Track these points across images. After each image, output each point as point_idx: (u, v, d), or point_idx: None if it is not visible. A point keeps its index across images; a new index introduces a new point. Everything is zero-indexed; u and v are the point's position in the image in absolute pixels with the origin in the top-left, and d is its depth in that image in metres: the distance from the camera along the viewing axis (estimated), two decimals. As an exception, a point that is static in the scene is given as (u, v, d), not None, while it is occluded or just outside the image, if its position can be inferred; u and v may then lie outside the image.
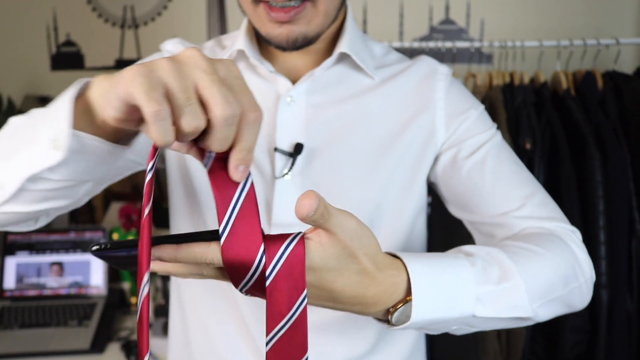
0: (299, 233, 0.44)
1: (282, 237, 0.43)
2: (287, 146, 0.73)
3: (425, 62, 0.79)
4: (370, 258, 0.47)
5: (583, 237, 1.21)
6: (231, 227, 0.41)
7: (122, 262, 0.50)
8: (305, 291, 0.43)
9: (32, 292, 1.70)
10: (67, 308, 1.62)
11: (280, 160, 0.73)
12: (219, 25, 1.90)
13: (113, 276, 1.75)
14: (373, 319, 0.55)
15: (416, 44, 1.54)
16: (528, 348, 1.29)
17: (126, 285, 1.79)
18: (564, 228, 0.69)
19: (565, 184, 1.27)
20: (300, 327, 0.43)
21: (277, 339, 0.43)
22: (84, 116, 0.46)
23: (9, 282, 1.70)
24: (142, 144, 0.62)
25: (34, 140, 0.49)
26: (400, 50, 1.63)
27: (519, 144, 1.32)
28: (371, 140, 0.73)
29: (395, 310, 0.50)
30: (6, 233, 1.74)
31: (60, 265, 1.70)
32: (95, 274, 1.70)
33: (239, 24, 0.83)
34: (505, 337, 1.33)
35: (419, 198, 0.77)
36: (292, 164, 0.71)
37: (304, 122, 0.73)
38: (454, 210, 0.78)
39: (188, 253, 0.43)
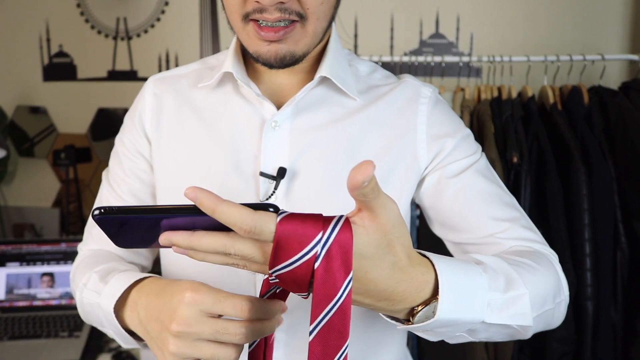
0: (342, 216, 0.43)
1: (327, 219, 0.42)
2: (271, 170, 0.74)
3: (409, 85, 0.80)
4: (405, 251, 0.47)
5: (569, 249, 1.25)
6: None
7: (126, 235, 0.48)
8: (351, 274, 0.42)
9: (22, 303, 1.69)
10: (58, 319, 1.62)
11: (264, 185, 0.74)
12: (212, 36, 1.92)
13: (104, 287, 1.75)
14: (382, 316, 0.55)
15: (406, 58, 1.57)
16: (515, 359, 1.31)
17: (117, 296, 1.79)
18: (546, 250, 0.72)
19: (552, 196, 1.29)
20: (344, 313, 0.42)
21: (321, 327, 0.42)
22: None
23: (-1, 293, 1.69)
24: None
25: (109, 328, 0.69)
26: (390, 64, 1.65)
27: (506, 158, 1.34)
28: (352, 163, 0.74)
29: (421, 309, 0.50)
30: (-3, 243, 1.74)
31: (51, 276, 1.70)
32: (86, 284, 1.70)
33: (231, 35, 0.84)
34: (492, 348, 1.34)
35: (405, 213, 0.79)
36: (275, 188, 0.73)
37: (288, 146, 0.75)
38: (439, 231, 0.80)
39: (209, 243, 0.43)
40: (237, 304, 0.51)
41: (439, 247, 0.95)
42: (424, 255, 0.52)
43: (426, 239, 1.37)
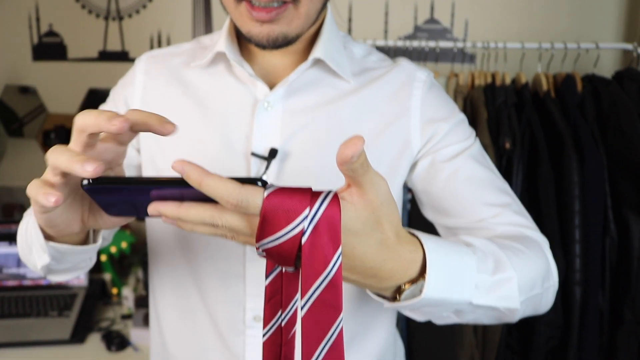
0: (330, 191, 0.43)
1: (315, 194, 0.42)
2: (263, 151, 0.74)
3: (404, 69, 0.79)
4: (393, 229, 0.47)
5: (559, 235, 1.26)
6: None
7: (116, 205, 0.48)
8: (340, 248, 0.41)
9: (12, 283, 1.69)
10: (48, 298, 1.62)
11: (255, 165, 0.74)
12: (204, 17, 1.90)
13: (94, 267, 1.75)
14: (370, 294, 0.55)
15: (400, 43, 1.56)
16: (503, 341, 1.33)
17: (107, 276, 1.79)
18: (537, 235, 0.72)
19: (543, 183, 1.30)
20: (335, 287, 0.42)
21: (312, 301, 0.42)
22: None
23: (-12, 273, 1.69)
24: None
25: (35, 245, 0.64)
26: (384, 49, 1.65)
27: (499, 144, 1.34)
28: (340, 137, 0.74)
29: (408, 287, 0.50)
30: (-14, 223, 1.72)
31: (40, 256, 1.69)
32: (76, 265, 1.70)
33: (224, 16, 0.83)
34: (481, 331, 1.36)
35: (397, 197, 0.79)
36: (267, 168, 0.73)
37: (280, 127, 0.74)
38: (431, 215, 0.80)
39: (197, 214, 0.43)
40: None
41: (430, 232, 0.95)
42: (413, 235, 0.52)
43: (417, 223, 1.38)
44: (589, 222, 1.26)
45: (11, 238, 1.71)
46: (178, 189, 0.43)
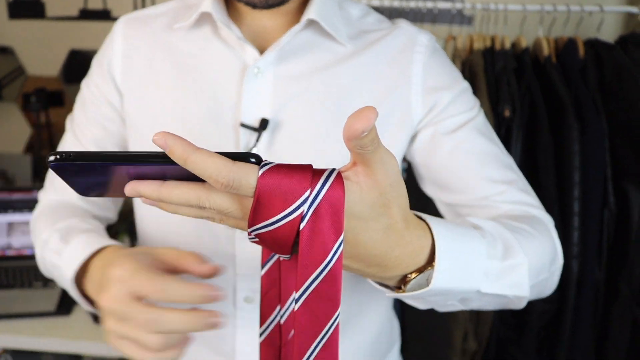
0: (334, 169, 0.38)
1: (316, 173, 0.37)
2: (253, 121, 0.68)
3: (404, 32, 0.73)
4: (402, 213, 0.42)
5: (558, 207, 1.23)
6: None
7: (87, 184, 0.43)
8: (342, 235, 0.37)
9: (-6, 252, 1.64)
10: (32, 269, 1.58)
11: (245, 136, 0.69)
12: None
13: (79, 236, 1.71)
14: (371, 283, 0.51)
15: (396, 3, 1.49)
16: (497, 315, 1.31)
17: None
18: (543, 215, 0.68)
19: (543, 153, 1.25)
20: (335, 279, 0.38)
21: (308, 294, 0.38)
22: None
23: (-30, 242, 1.64)
24: None
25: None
26: (379, 9, 1.57)
27: (498, 111, 1.29)
28: (341, 116, 0.69)
29: (415, 276, 0.46)
30: (-35, 191, 1.66)
31: (24, 224, 1.64)
32: (60, 234, 1.65)
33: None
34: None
35: None
36: (257, 140, 0.67)
37: (270, 95, 0.69)
38: (430, 190, 0.75)
39: (181, 195, 0.38)
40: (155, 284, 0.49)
41: (424, 203, 0.91)
42: (421, 218, 0.47)
43: (410, 195, 1.34)
44: (588, 193, 1.23)
45: (-8, 206, 1.66)
46: (159, 166, 0.38)
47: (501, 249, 0.53)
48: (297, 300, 0.38)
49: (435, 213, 0.72)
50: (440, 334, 1.33)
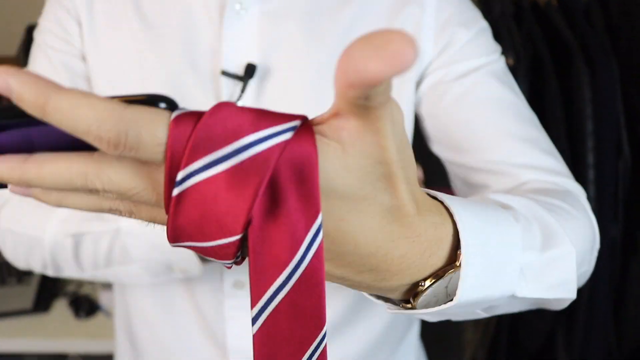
0: (299, 117, 0.24)
1: (267, 119, 0.23)
2: (237, 68, 0.57)
3: None
4: (411, 190, 0.27)
5: (570, 160, 1.14)
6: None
7: None
8: (320, 217, 0.23)
9: (-39, 249, 1.52)
10: (4, 265, 1.46)
11: (228, 87, 0.58)
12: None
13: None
14: (367, 295, 0.35)
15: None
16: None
17: (70, 236, 1.63)
18: (574, 186, 0.54)
19: (550, 102, 1.16)
20: (313, 283, 0.24)
21: (271, 310, 0.25)
22: None
23: None
24: None
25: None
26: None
27: (499, 61, 1.20)
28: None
29: (430, 284, 0.31)
30: None
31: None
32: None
33: None
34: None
35: (407, 126, 0.63)
36: (242, 90, 0.56)
37: (256, 37, 0.58)
38: (439, 149, 0.63)
39: (57, 172, 0.24)
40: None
41: (428, 170, 0.82)
42: (434, 198, 0.32)
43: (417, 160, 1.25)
44: (602, 144, 1.14)
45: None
46: (19, 130, 0.24)
47: (539, 235, 0.38)
48: (254, 321, 0.25)
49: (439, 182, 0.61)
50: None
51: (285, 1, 0.58)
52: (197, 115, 0.23)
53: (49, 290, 1.40)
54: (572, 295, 0.39)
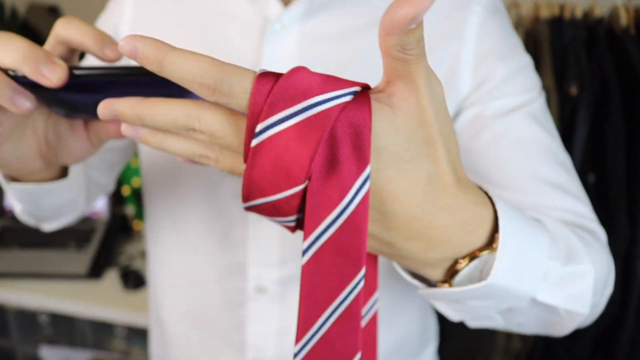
0: (361, 85, 0.29)
1: (334, 83, 0.29)
2: None
3: None
4: (452, 161, 0.31)
5: (626, 200, 1.09)
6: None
7: (57, 105, 0.38)
8: (368, 169, 0.28)
9: (33, 212, 1.65)
10: (67, 231, 1.57)
11: None
12: None
13: (117, 200, 1.69)
14: (400, 271, 0.40)
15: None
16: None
17: (130, 210, 1.73)
18: (598, 229, 0.55)
19: (613, 137, 1.11)
20: (356, 227, 0.28)
21: (319, 246, 0.29)
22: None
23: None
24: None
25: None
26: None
27: (563, 89, 1.16)
28: (375, 84, 0.58)
29: (466, 263, 0.34)
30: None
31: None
32: (97, 197, 1.64)
33: None
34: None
35: None
36: None
37: (296, 57, 0.59)
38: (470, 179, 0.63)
39: (166, 112, 0.30)
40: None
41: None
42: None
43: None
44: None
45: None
46: (136, 86, 0.32)
47: (564, 250, 0.42)
48: (304, 252, 0.29)
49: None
50: (482, 330, 1.23)
51: (325, 25, 0.59)
52: (277, 76, 0.28)
53: (103, 260, 1.50)
54: (585, 310, 0.41)
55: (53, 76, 0.32)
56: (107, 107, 0.32)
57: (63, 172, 0.52)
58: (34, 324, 1.56)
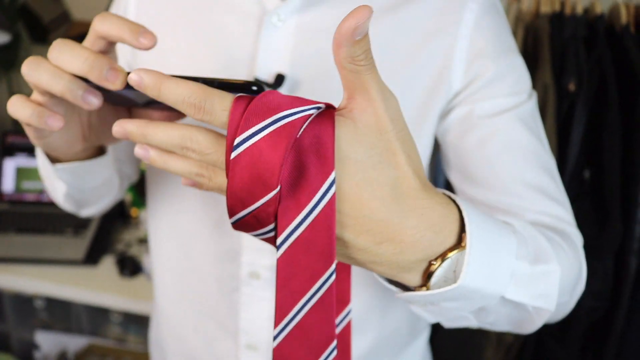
0: (326, 104, 0.34)
1: (300, 102, 0.33)
2: (268, 76, 0.60)
3: None
4: (413, 166, 0.34)
5: (620, 196, 1.10)
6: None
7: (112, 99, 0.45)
8: (333, 174, 0.32)
9: (30, 197, 1.65)
10: (64, 217, 1.57)
11: None
12: None
13: (114, 187, 1.69)
14: (378, 278, 0.42)
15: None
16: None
17: (127, 197, 1.73)
18: (574, 233, 0.58)
19: (610, 133, 1.12)
20: (326, 225, 0.32)
21: (291, 242, 0.32)
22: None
23: (8, 185, 1.65)
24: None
25: (50, 175, 0.63)
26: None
27: (561, 84, 1.16)
28: None
29: (439, 264, 0.36)
30: (5, 133, 1.67)
31: (60, 171, 1.64)
32: (94, 183, 1.64)
33: None
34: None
35: (424, 149, 0.63)
36: None
37: (290, 49, 0.59)
38: (455, 178, 0.64)
39: (165, 133, 0.35)
40: None
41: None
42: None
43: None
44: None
45: (30, 150, 1.65)
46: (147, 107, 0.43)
47: (532, 251, 0.44)
48: (278, 247, 0.32)
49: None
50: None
51: (319, 16, 0.59)
52: (251, 98, 0.33)
53: (100, 246, 1.50)
54: (551, 307, 0.44)
55: (117, 81, 0.38)
56: (119, 125, 0.37)
57: (99, 153, 0.57)
58: (30, 308, 1.57)
